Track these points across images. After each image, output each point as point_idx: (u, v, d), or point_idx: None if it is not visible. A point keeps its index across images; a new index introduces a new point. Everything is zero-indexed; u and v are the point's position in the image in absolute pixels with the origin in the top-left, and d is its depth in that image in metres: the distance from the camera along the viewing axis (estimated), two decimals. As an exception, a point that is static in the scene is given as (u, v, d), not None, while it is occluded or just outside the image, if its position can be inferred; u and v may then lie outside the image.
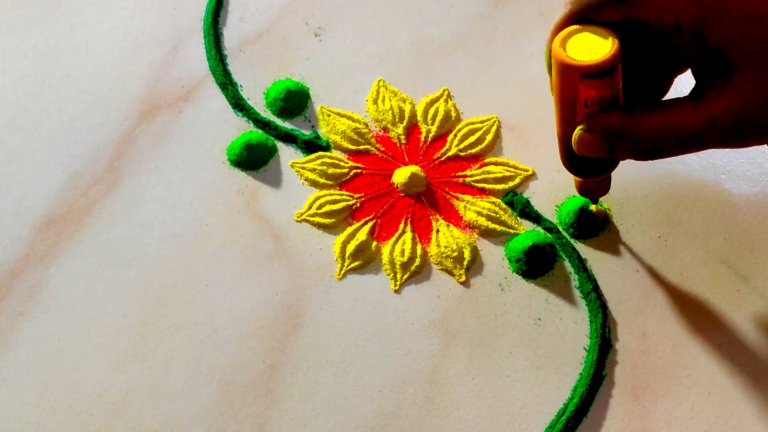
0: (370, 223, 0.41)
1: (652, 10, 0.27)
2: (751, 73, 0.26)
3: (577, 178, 0.38)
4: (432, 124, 0.44)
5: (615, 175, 0.39)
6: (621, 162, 0.39)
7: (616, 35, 0.29)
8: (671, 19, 0.27)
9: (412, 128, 0.44)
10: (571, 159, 0.34)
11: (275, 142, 0.44)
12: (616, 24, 0.29)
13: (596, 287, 0.39)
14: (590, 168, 0.36)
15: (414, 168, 0.42)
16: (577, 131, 0.31)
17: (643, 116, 0.29)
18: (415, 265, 0.40)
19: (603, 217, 0.41)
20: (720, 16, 0.26)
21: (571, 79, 0.30)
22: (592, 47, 0.29)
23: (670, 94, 0.32)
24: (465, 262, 0.40)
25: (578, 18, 0.30)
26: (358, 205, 0.42)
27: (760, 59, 0.26)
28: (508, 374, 0.37)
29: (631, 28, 0.29)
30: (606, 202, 0.41)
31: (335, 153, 0.43)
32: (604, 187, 0.38)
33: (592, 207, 0.40)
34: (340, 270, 0.40)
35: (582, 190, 0.38)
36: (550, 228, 0.41)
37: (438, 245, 0.40)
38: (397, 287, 0.40)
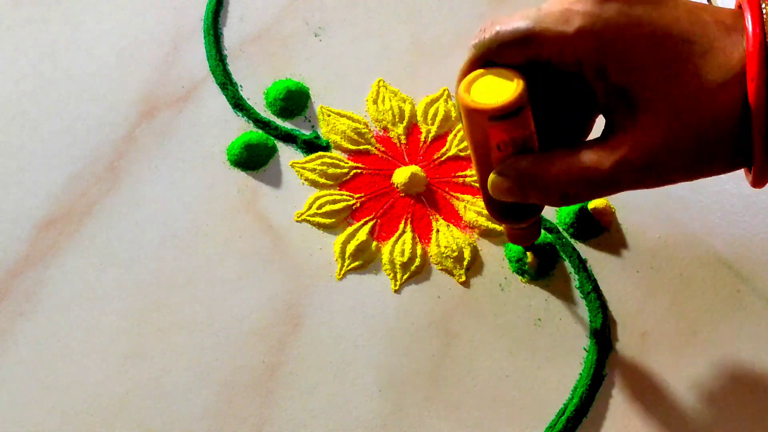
0: (370, 223, 0.41)
1: (553, 50, 0.27)
2: (656, 111, 0.26)
3: (505, 225, 0.35)
4: (432, 124, 0.44)
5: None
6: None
7: (522, 76, 0.29)
8: (573, 58, 0.27)
9: (412, 128, 0.44)
10: (493, 205, 0.33)
11: (275, 142, 0.44)
12: (522, 66, 0.28)
13: (596, 287, 0.39)
14: (514, 213, 0.33)
15: (414, 168, 0.42)
16: (491, 176, 0.30)
17: (553, 161, 0.28)
18: (415, 265, 0.40)
19: (607, 220, 0.41)
20: (619, 52, 0.26)
21: (480, 124, 0.29)
22: (498, 90, 0.28)
23: (594, 134, 0.31)
24: (465, 262, 0.40)
25: (482, 62, 0.29)
26: (358, 205, 0.42)
27: (663, 95, 0.26)
28: (508, 374, 0.37)
29: (538, 69, 0.29)
30: (607, 201, 0.41)
31: (335, 153, 0.43)
32: (533, 233, 0.36)
33: (529, 255, 0.39)
34: (340, 270, 0.40)
35: (510, 236, 0.36)
36: (550, 228, 0.41)
37: (438, 245, 0.40)
38: (397, 287, 0.40)
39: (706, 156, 0.27)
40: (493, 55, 0.29)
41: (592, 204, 0.41)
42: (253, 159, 0.43)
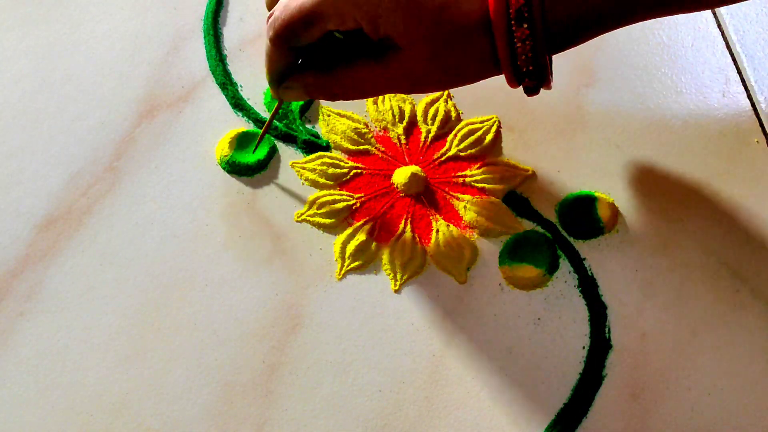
0: (370, 224, 0.41)
1: (337, 23, 0.34)
2: (416, 51, 0.34)
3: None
4: (432, 124, 0.44)
5: (615, 174, 0.39)
6: (621, 162, 0.39)
7: None
8: (353, 24, 0.34)
9: (412, 128, 0.44)
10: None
11: (275, 142, 0.44)
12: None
13: (596, 287, 0.39)
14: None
15: (414, 168, 0.42)
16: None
17: (335, 74, 0.36)
18: (415, 265, 0.40)
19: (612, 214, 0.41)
20: (387, 11, 0.33)
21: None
22: None
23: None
24: (465, 262, 0.40)
25: (288, 47, 0.36)
26: (358, 205, 0.42)
27: (419, 43, 0.34)
28: (508, 374, 0.38)
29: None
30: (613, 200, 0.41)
31: (335, 153, 0.43)
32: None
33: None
34: (340, 270, 0.40)
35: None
36: (550, 228, 0.41)
37: (438, 245, 0.40)
38: (397, 287, 0.40)
39: (461, 76, 0.36)
40: (294, 42, 0.35)
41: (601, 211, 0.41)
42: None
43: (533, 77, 0.34)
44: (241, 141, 0.43)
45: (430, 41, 0.34)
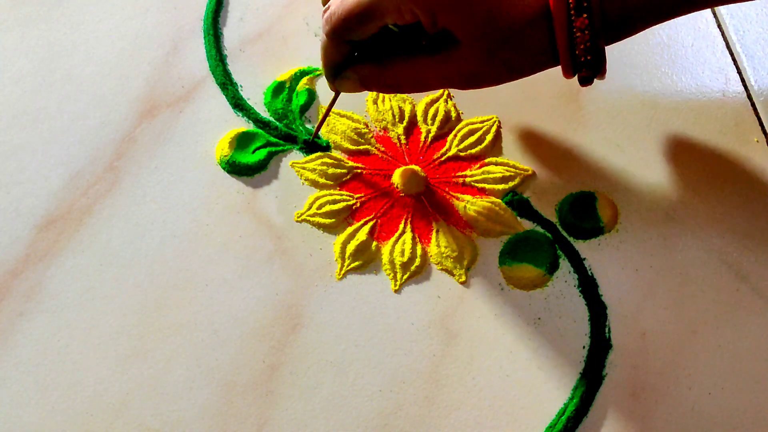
0: (370, 224, 0.41)
1: (395, 17, 0.34)
2: (473, 46, 0.34)
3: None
4: (432, 124, 0.44)
5: (615, 174, 0.39)
6: (621, 162, 0.40)
7: None
8: (411, 17, 0.34)
9: (412, 128, 0.44)
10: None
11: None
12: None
13: (596, 287, 0.39)
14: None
15: (414, 168, 0.42)
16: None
17: (391, 67, 0.37)
18: (415, 265, 0.40)
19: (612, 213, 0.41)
20: (443, 7, 0.33)
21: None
22: None
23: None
24: (465, 262, 0.40)
25: (344, 42, 0.36)
26: (358, 205, 0.42)
27: (478, 37, 0.34)
28: (508, 374, 0.38)
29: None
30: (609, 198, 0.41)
31: (335, 153, 0.43)
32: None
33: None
34: (340, 270, 0.40)
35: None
36: (550, 227, 0.41)
37: (438, 245, 0.40)
38: (397, 287, 0.40)
39: (517, 70, 0.35)
40: (351, 36, 0.35)
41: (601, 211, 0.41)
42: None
43: (590, 67, 0.34)
44: (241, 141, 0.43)
45: (488, 35, 0.34)
